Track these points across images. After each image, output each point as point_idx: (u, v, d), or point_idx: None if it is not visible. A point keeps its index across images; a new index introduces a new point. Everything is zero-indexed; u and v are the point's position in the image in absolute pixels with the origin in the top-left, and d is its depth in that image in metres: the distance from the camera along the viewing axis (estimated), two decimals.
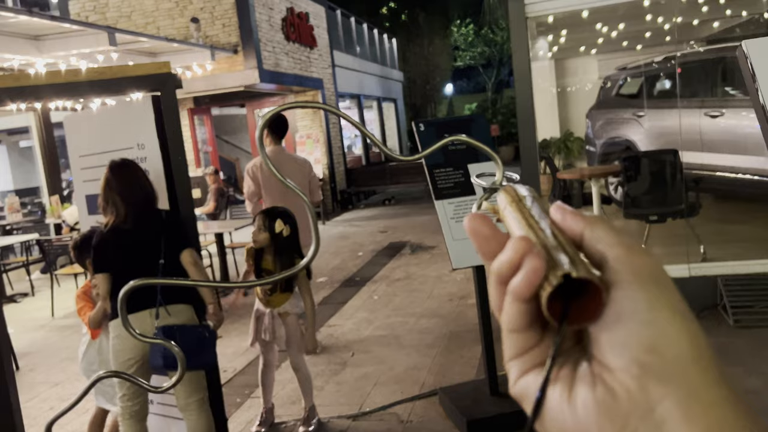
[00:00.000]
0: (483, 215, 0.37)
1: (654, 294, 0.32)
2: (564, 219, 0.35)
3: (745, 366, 3.65)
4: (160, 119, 2.99)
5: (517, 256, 0.32)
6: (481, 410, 3.24)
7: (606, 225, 0.35)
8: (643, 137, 7.10)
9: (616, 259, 0.33)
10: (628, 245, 0.34)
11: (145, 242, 2.77)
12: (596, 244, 0.34)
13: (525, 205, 0.37)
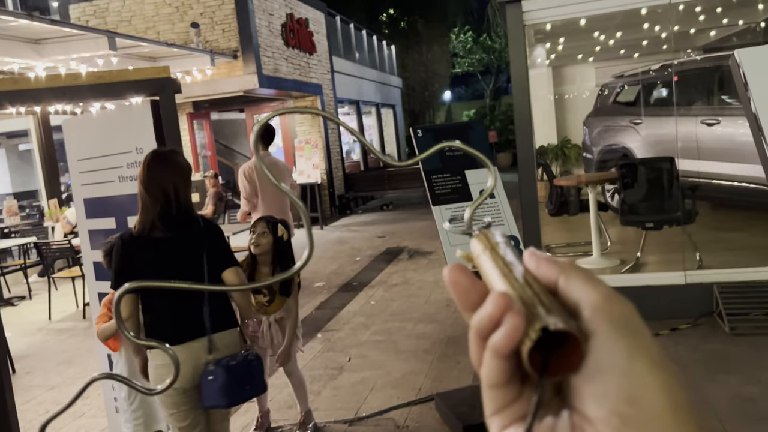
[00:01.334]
0: (461, 266, 0.37)
1: (631, 344, 0.32)
2: (538, 267, 0.35)
3: (742, 373, 3.66)
4: (159, 123, 3.01)
5: (497, 312, 0.32)
6: (477, 416, 3.24)
7: (580, 271, 0.35)
8: (640, 145, 7.13)
9: (593, 308, 0.33)
10: (604, 293, 0.33)
11: (182, 256, 2.41)
12: (571, 291, 0.34)
13: (499, 253, 0.37)
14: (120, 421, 3.42)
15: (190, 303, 2.39)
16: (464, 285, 0.36)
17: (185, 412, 2.43)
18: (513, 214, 3.56)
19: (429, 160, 3.50)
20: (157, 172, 2.37)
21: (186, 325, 2.38)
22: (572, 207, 6.11)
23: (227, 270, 2.45)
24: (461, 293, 0.36)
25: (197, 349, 2.37)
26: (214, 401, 2.37)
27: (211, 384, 2.35)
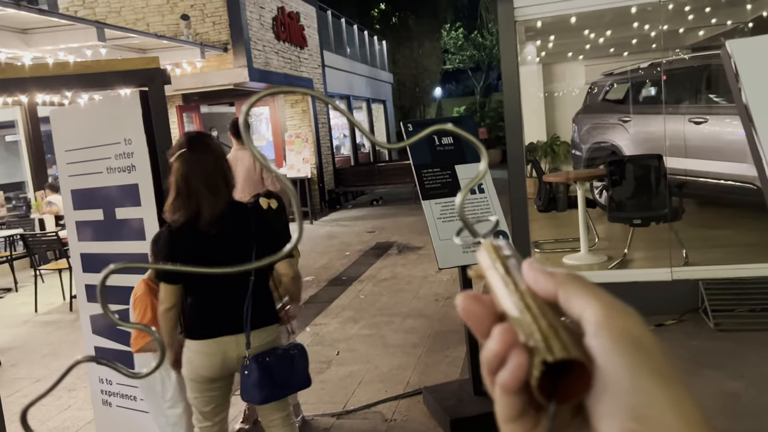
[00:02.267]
0: (474, 295, 0.36)
1: (636, 360, 0.31)
2: (536, 281, 0.35)
3: (726, 369, 3.71)
4: (147, 115, 2.99)
5: (502, 348, 0.33)
6: (464, 409, 3.26)
7: (578, 284, 0.34)
8: (629, 142, 7.18)
9: (595, 324, 0.32)
10: (605, 306, 0.33)
11: (231, 248, 2.32)
12: (572, 306, 0.34)
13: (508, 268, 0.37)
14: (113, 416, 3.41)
15: (230, 298, 2.37)
16: (477, 314, 0.35)
17: (208, 398, 2.43)
18: (502, 210, 3.57)
19: (419, 155, 3.51)
20: (200, 157, 2.27)
21: (221, 320, 2.35)
22: (561, 203, 6.15)
23: (281, 261, 2.39)
24: (475, 322, 0.36)
25: (228, 343, 2.34)
26: (249, 396, 2.38)
27: (247, 379, 2.35)
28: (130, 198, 3.09)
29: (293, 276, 2.46)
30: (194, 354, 2.37)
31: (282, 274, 2.45)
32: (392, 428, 3.39)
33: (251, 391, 2.34)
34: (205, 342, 2.36)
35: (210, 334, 2.35)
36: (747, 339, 4.13)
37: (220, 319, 2.36)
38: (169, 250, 2.30)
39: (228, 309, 2.37)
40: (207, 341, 2.36)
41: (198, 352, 2.36)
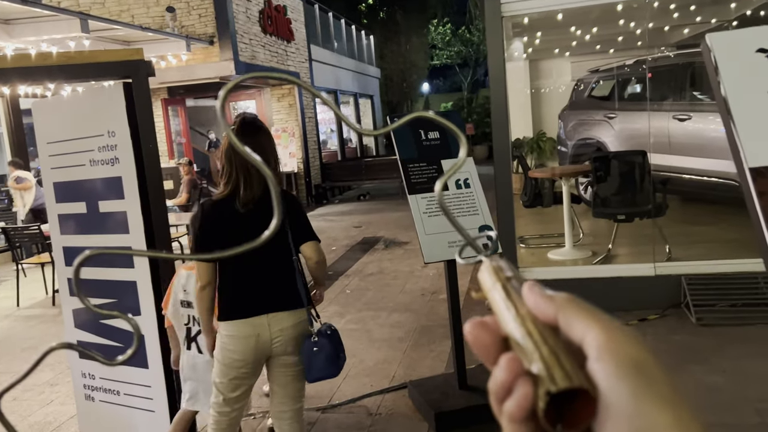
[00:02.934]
0: (481, 323, 0.37)
1: (639, 384, 0.31)
2: (536, 306, 0.35)
3: (707, 363, 3.76)
4: (131, 107, 2.95)
5: (508, 378, 0.33)
6: (449, 403, 3.27)
7: (576, 307, 0.34)
8: (614, 139, 7.23)
9: (597, 348, 0.32)
10: (605, 330, 0.33)
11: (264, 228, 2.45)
12: (572, 331, 0.34)
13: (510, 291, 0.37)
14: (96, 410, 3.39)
15: (265, 277, 2.39)
16: (485, 342, 0.36)
17: (236, 384, 2.43)
18: (488, 206, 3.58)
19: (405, 149, 3.51)
20: (248, 142, 2.30)
21: (256, 299, 2.37)
22: (546, 199, 6.18)
23: (306, 244, 2.43)
24: (483, 350, 0.36)
25: (262, 324, 2.36)
26: (323, 372, 2.39)
27: (318, 355, 2.37)
28: (113, 191, 3.06)
29: (318, 260, 2.48)
30: (228, 338, 2.37)
31: (308, 258, 2.46)
32: (377, 422, 3.39)
33: (325, 367, 2.37)
34: (237, 323, 2.35)
35: (244, 313, 2.35)
36: (728, 333, 4.18)
37: (253, 298, 2.37)
38: (203, 223, 2.35)
39: (262, 289, 2.39)
40: (240, 322, 2.35)
41: (231, 335, 2.36)
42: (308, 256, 2.46)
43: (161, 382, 3.07)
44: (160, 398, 3.09)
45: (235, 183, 2.32)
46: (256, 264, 2.38)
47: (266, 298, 2.38)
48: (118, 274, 3.15)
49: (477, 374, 3.63)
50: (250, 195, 2.32)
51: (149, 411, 3.14)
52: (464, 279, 6.04)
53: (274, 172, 2.41)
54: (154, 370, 3.08)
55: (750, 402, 3.25)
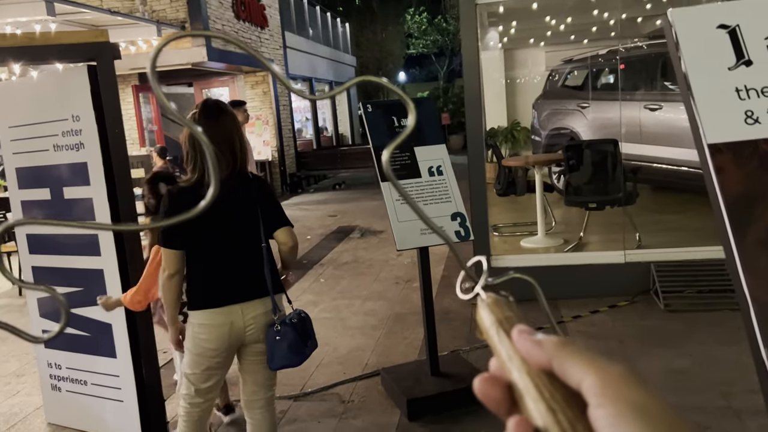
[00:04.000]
0: (491, 379, 0.37)
1: (641, 428, 0.31)
2: (529, 355, 0.35)
3: (674, 348, 3.83)
4: (97, 91, 2.88)
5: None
6: (421, 389, 3.28)
7: (568, 350, 0.34)
8: (586, 128, 7.30)
9: (596, 395, 0.33)
10: (601, 371, 0.33)
11: (238, 215, 2.34)
12: (568, 375, 0.34)
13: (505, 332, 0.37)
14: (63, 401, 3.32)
15: (236, 266, 2.35)
16: (495, 398, 0.36)
17: (208, 375, 2.38)
18: (462, 194, 3.58)
19: (378, 136, 3.48)
20: (211, 123, 2.28)
21: (228, 288, 2.33)
22: (519, 187, 6.22)
23: (280, 230, 2.40)
24: (494, 405, 0.36)
25: (235, 313, 2.32)
26: (285, 361, 2.36)
27: (281, 343, 2.33)
28: (78, 177, 2.99)
29: (293, 245, 2.45)
30: (200, 327, 2.32)
31: (282, 243, 2.43)
32: (350, 409, 3.39)
33: (288, 355, 2.34)
34: (211, 312, 2.31)
35: (217, 303, 2.31)
36: (695, 319, 4.27)
37: (226, 287, 2.33)
38: (170, 210, 2.28)
39: (234, 277, 2.34)
40: (214, 311, 2.31)
41: (204, 324, 2.31)
42: (283, 241, 2.42)
43: (129, 372, 3.02)
44: (129, 387, 3.04)
45: (202, 168, 2.27)
46: (229, 251, 2.34)
47: (240, 286, 2.34)
48: (85, 262, 3.08)
49: (449, 361, 3.65)
50: (228, 175, 2.27)
51: (117, 401, 3.10)
52: (437, 267, 6.06)
53: (240, 153, 2.35)
54: (122, 359, 3.04)
55: (716, 385, 3.32)
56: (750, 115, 0.98)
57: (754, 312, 0.91)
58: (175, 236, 2.28)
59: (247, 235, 2.35)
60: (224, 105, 2.43)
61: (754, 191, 0.95)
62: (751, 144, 0.98)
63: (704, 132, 0.99)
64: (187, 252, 2.32)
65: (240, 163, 2.34)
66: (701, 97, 1.00)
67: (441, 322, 4.39)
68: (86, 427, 3.25)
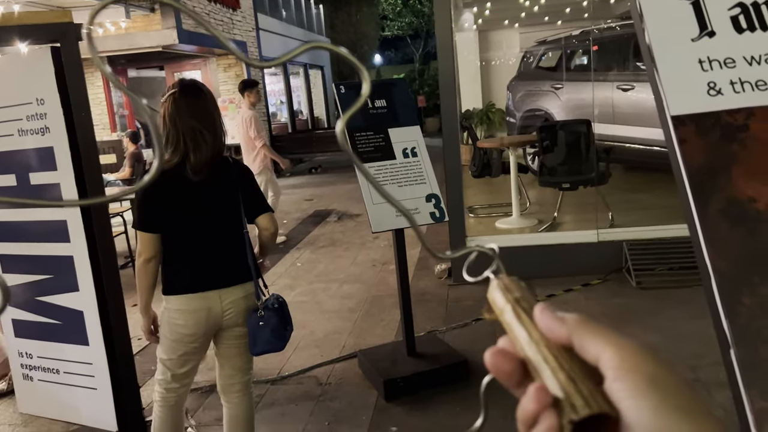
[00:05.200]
0: (502, 351, 0.38)
1: (658, 399, 0.32)
2: (549, 329, 0.36)
3: (645, 324, 3.91)
4: (61, 73, 2.80)
5: (536, 408, 0.34)
6: (397, 370, 3.31)
7: (589, 327, 0.36)
8: (560, 109, 7.35)
9: (614, 368, 0.34)
10: (619, 347, 0.34)
11: (218, 200, 2.30)
12: (587, 350, 0.35)
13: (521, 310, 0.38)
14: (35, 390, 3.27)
15: (214, 251, 2.31)
16: (506, 370, 0.37)
17: (184, 360, 2.36)
18: (438, 177, 3.58)
19: (352, 118, 3.45)
20: (192, 103, 2.23)
21: (206, 274, 2.29)
22: (494, 169, 6.25)
23: (261, 216, 2.38)
24: (504, 377, 0.37)
25: (212, 298, 2.29)
26: (268, 346, 2.34)
27: (263, 329, 2.32)
28: (45, 162, 2.92)
29: (274, 231, 2.44)
30: (176, 312, 2.29)
31: (264, 229, 2.42)
32: (327, 391, 3.40)
33: (271, 340, 2.33)
34: (188, 297, 2.28)
35: (194, 288, 2.27)
36: (665, 296, 4.36)
37: (204, 272, 2.29)
38: (150, 192, 2.23)
39: (213, 262, 2.31)
40: (190, 296, 2.27)
41: (180, 310, 2.28)
42: (265, 227, 2.41)
43: (102, 359, 2.98)
44: (102, 375, 3.01)
45: (184, 149, 2.22)
46: (207, 236, 2.30)
47: (218, 272, 2.32)
48: (53, 249, 3.02)
49: (425, 342, 3.67)
50: (200, 159, 2.21)
51: (91, 389, 3.06)
52: (414, 250, 6.08)
53: (216, 139, 2.31)
54: (94, 346, 2.99)
55: (684, 359, 3.40)
56: (713, 86, 1.00)
57: (715, 283, 0.93)
58: (152, 219, 2.24)
59: (228, 220, 2.32)
60: (202, 84, 2.38)
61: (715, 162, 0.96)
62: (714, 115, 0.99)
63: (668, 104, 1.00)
64: (164, 235, 2.28)
65: (220, 145, 2.31)
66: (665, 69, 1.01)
67: (417, 304, 4.42)
68: (60, 416, 3.21)
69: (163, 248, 2.30)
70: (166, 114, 2.25)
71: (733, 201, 0.93)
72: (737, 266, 0.90)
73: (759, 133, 0.95)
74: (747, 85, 0.98)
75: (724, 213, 0.94)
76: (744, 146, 0.95)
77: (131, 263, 6.07)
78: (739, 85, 0.98)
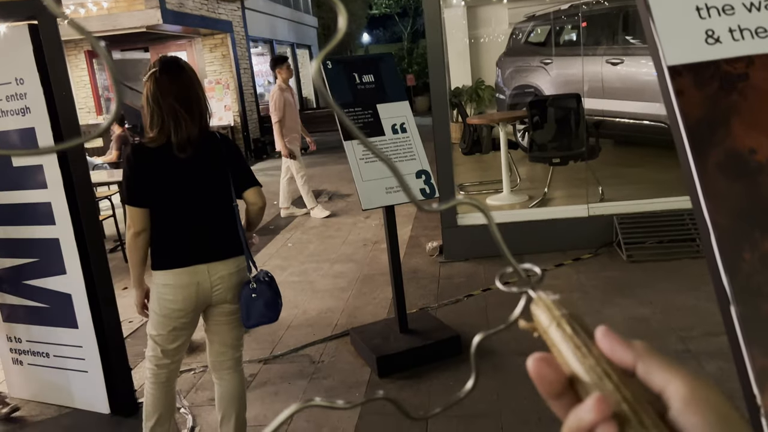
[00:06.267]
0: (546, 358, 0.37)
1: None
2: (612, 350, 0.36)
3: (636, 297, 3.93)
4: (40, 51, 2.74)
5: (596, 419, 0.33)
6: (390, 347, 3.31)
7: (658, 356, 0.36)
8: (550, 85, 7.31)
9: (682, 400, 0.34)
10: (688, 379, 0.34)
11: (206, 176, 2.29)
12: (653, 378, 0.35)
13: (567, 329, 0.37)
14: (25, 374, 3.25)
15: (203, 225, 2.30)
16: (550, 378, 0.36)
17: (174, 335, 2.35)
18: (428, 156, 3.55)
19: (340, 94, 3.41)
20: (173, 80, 2.20)
21: (195, 248, 2.28)
22: (484, 146, 6.23)
23: (249, 190, 2.37)
24: (546, 385, 0.37)
25: (201, 273, 2.29)
26: (262, 318, 2.35)
27: (257, 301, 2.33)
28: (27, 142, 2.87)
29: (262, 205, 2.44)
30: (165, 287, 2.28)
31: (252, 203, 2.41)
32: (320, 369, 3.40)
33: (264, 312, 2.34)
34: (176, 272, 2.26)
35: (182, 262, 2.26)
36: (655, 268, 4.38)
37: (193, 247, 2.28)
38: (138, 168, 2.22)
39: (201, 236, 2.30)
40: (179, 271, 2.26)
41: (169, 285, 2.27)
42: (253, 201, 2.39)
43: (93, 342, 2.96)
44: (93, 358, 2.99)
45: (168, 128, 2.20)
46: (195, 211, 2.29)
47: (207, 246, 2.30)
48: (39, 231, 2.98)
49: (417, 318, 3.68)
50: (183, 137, 2.19)
51: (82, 371, 3.05)
52: (405, 228, 6.07)
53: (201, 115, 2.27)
54: (83, 329, 2.97)
55: (674, 331, 3.42)
56: (711, 34, 0.97)
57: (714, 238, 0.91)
58: (139, 194, 2.23)
59: (217, 194, 2.32)
60: (183, 61, 2.34)
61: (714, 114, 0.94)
62: (712, 65, 0.96)
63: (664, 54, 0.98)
64: (153, 210, 2.26)
65: (205, 121, 2.28)
66: (660, 18, 0.98)
67: (409, 282, 4.42)
68: (51, 400, 3.20)
69: (152, 223, 2.28)
70: (148, 94, 2.22)
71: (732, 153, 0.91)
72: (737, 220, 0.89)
73: (759, 81, 0.93)
74: (746, 32, 0.95)
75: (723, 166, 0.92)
76: (744, 96, 0.93)
77: (120, 247, 6.02)
78: (738, 32, 0.96)
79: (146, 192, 2.22)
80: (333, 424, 2.85)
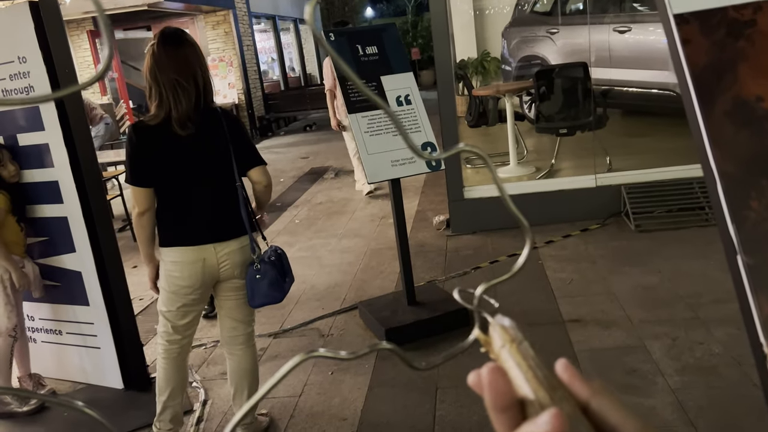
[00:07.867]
0: (499, 369, 0.37)
1: None
2: (571, 383, 0.37)
3: (644, 266, 3.92)
4: (42, 30, 2.72)
5: None
6: (398, 319, 3.33)
7: (612, 397, 0.36)
8: (556, 54, 7.20)
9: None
10: (641, 422, 0.35)
11: (209, 154, 2.26)
12: (608, 416, 0.36)
13: (522, 352, 0.38)
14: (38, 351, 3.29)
15: (208, 204, 2.30)
16: (501, 390, 0.37)
17: (184, 312, 2.37)
18: (434, 129, 3.53)
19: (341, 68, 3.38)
20: (171, 53, 2.16)
21: (200, 227, 2.28)
22: (491, 118, 6.18)
23: (254, 168, 2.35)
24: (496, 396, 0.37)
25: (207, 250, 2.29)
26: (266, 299, 2.35)
27: (261, 282, 2.32)
28: (32, 122, 2.87)
29: (267, 184, 2.41)
30: (173, 264, 2.29)
31: (256, 182, 2.38)
32: (329, 342, 3.44)
33: (268, 293, 2.33)
34: (182, 249, 2.27)
35: (189, 241, 2.27)
36: (664, 237, 4.36)
37: (198, 226, 2.28)
38: (139, 146, 2.20)
39: (206, 216, 2.29)
40: (185, 248, 2.27)
41: (176, 261, 2.28)
42: (258, 180, 2.37)
43: (104, 318, 3.00)
44: (105, 334, 3.03)
45: (167, 102, 2.16)
46: (198, 190, 2.28)
47: (212, 225, 2.30)
48: (47, 210, 3.00)
49: (425, 291, 3.69)
50: (182, 112, 2.16)
51: (94, 348, 3.09)
52: (412, 202, 6.07)
53: (204, 86, 2.25)
54: (95, 306, 3.00)
55: (682, 298, 3.42)
56: None
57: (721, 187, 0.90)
58: (142, 173, 2.22)
59: (220, 173, 2.29)
60: (185, 33, 2.30)
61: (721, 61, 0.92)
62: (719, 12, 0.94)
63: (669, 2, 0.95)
64: (157, 189, 2.26)
65: (206, 97, 2.25)
66: None
67: (416, 255, 4.43)
68: (65, 376, 3.25)
69: (157, 201, 2.28)
70: (147, 69, 2.20)
71: (739, 101, 0.89)
72: (744, 168, 0.88)
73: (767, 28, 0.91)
74: None
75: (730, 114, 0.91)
76: (751, 42, 0.91)
77: (129, 226, 6.06)
78: None
79: (148, 172, 2.21)
80: (344, 395, 2.89)
